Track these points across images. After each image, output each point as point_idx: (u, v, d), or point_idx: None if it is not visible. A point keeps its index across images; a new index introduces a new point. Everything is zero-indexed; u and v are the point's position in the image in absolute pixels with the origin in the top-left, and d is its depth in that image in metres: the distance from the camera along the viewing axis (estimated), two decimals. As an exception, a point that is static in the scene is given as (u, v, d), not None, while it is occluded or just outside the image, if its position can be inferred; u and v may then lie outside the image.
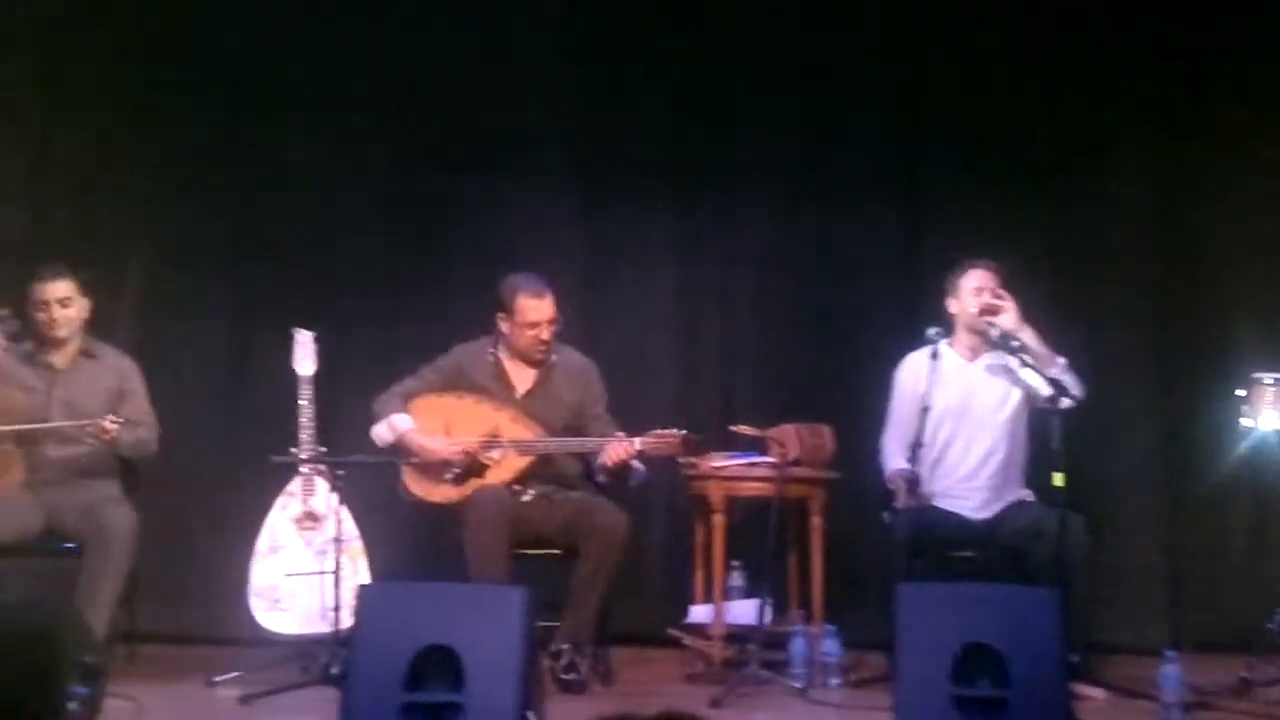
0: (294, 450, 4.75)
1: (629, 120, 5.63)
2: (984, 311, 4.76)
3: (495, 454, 4.74)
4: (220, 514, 5.19)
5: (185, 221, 5.56)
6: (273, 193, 5.58)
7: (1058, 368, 4.66)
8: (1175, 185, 5.49)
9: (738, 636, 4.77)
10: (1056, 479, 4.36)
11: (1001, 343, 4.71)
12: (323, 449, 4.78)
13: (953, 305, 4.87)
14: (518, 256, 5.27)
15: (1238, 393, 4.57)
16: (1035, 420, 4.78)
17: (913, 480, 4.56)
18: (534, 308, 4.78)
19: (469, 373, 4.88)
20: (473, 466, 4.73)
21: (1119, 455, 5.39)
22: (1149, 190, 5.50)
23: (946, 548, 4.67)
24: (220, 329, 5.56)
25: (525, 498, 4.76)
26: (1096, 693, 4.43)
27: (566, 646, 4.51)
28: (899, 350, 4.91)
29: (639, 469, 4.73)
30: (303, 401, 4.80)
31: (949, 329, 4.81)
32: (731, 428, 4.87)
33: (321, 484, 4.80)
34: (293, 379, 4.84)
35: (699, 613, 4.99)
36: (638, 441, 4.63)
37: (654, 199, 5.66)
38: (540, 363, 4.87)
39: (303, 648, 4.62)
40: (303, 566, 4.74)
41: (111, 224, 5.54)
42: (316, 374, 4.86)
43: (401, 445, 4.74)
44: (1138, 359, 5.43)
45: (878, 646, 4.61)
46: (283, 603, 4.73)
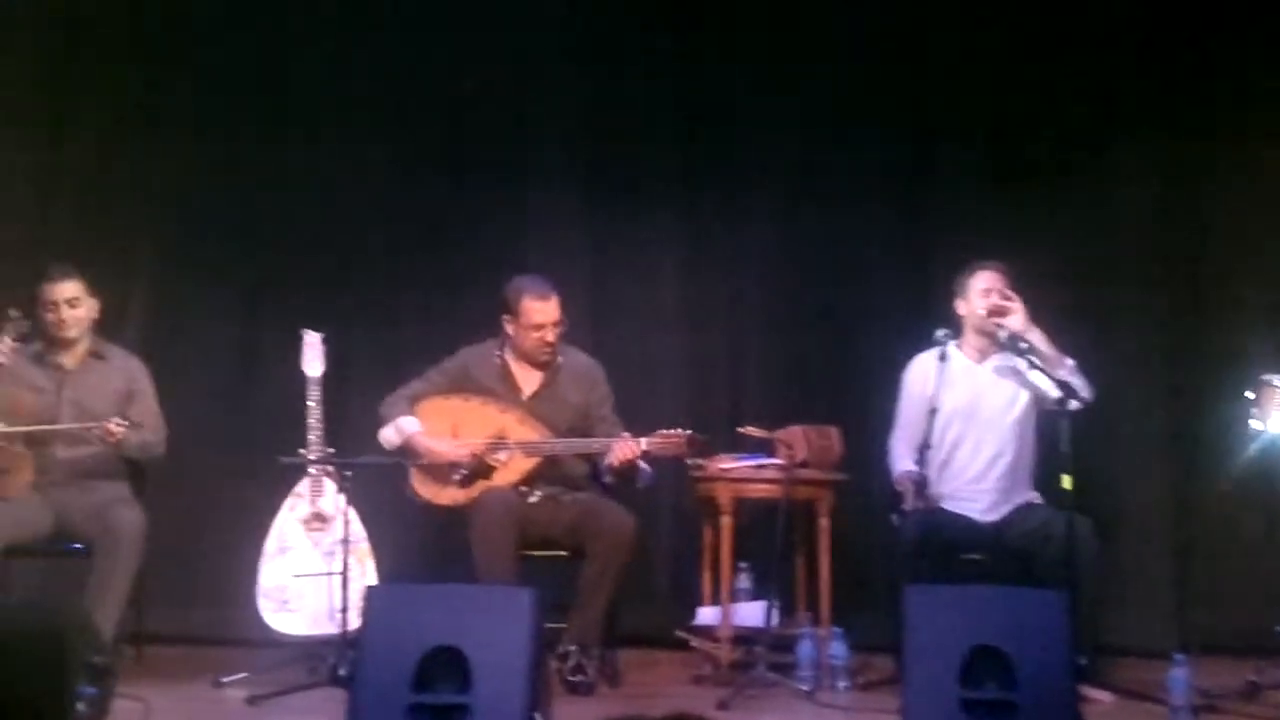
0: (302, 451, 4.76)
1: (634, 121, 5.64)
2: (992, 313, 4.75)
3: (502, 456, 4.74)
4: (228, 515, 5.19)
5: (193, 223, 5.57)
6: (280, 195, 5.59)
7: (1066, 369, 4.65)
8: (1183, 185, 5.47)
9: (745, 639, 4.77)
10: (1065, 481, 4.35)
11: (1010, 344, 4.70)
12: (331, 450, 4.79)
13: (961, 307, 4.86)
14: (524, 258, 5.29)
15: (1246, 395, 4.55)
16: (1044, 422, 4.77)
17: (920, 482, 4.55)
18: (539, 310, 4.79)
19: (475, 375, 4.88)
20: (480, 468, 4.74)
21: (1127, 457, 5.37)
22: (1156, 191, 5.48)
23: (954, 550, 4.65)
24: (228, 331, 5.57)
25: (532, 499, 4.76)
26: (1104, 696, 4.42)
27: (574, 648, 4.51)
28: (907, 352, 4.91)
29: (645, 469, 4.73)
30: (311, 403, 4.81)
31: (957, 330, 4.81)
32: (739, 429, 4.87)
33: (329, 485, 4.81)
34: (301, 380, 4.85)
35: (706, 615, 4.99)
36: (643, 441, 4.63)
37: (659, 200, 5.66)
38: (546, 364, 4.87)
39: (310, 649, 4.62)
40: (311, 567, 4.75)
41: (119, 226, 5.55)
42: (324, 375, 4.87)
43: (409, 448, 4.74)
44: (1146, 360, 5.41)
45: (885, 649, 4.60)
46: (291, 604, 4.74)
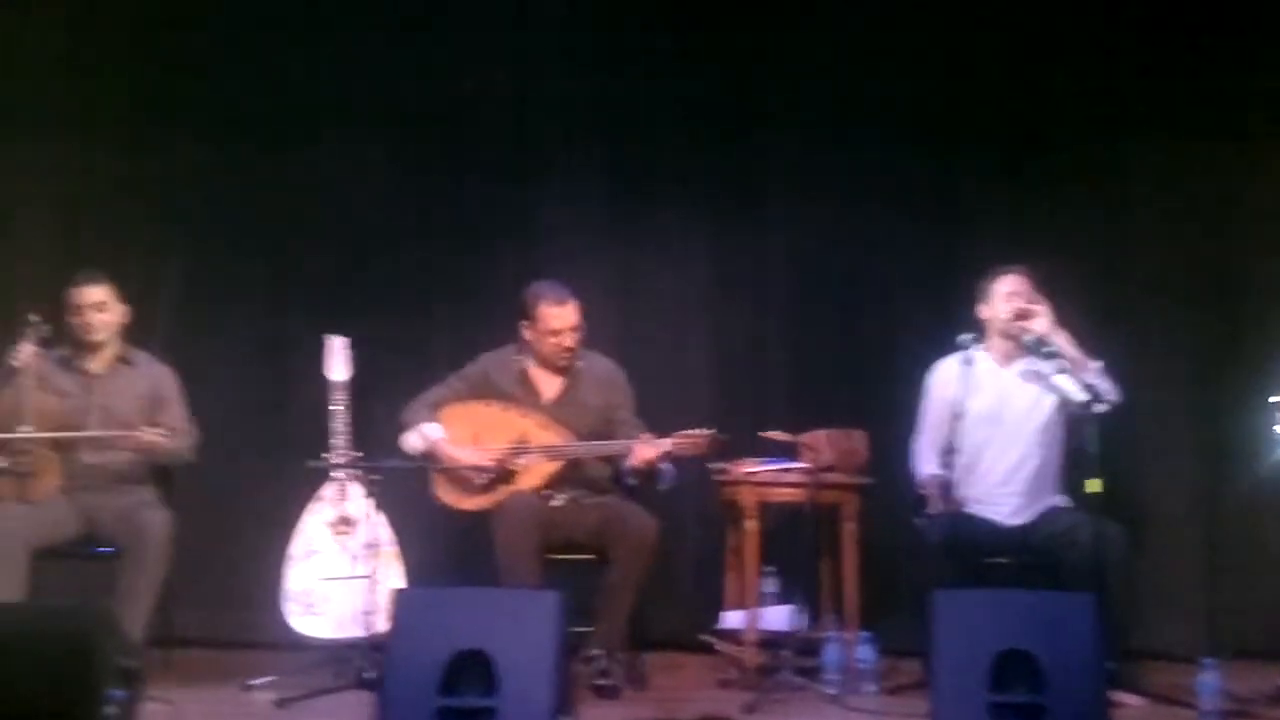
0: (328, 455, 4.78)
1: (659, 124, 5.62)
2: (1016, 317, 4.73)
3: (524, 460, 4.75)
4: (255, 519, 5.21)
5: (219, 229, 5.58)
6: (306, 200, 5.59)
7: (1092, 371, 4.63)
8: (1210, 189, 5.43)
9: (771, 642, 4.76)
10: (1092, 485, 4.33)
11: (1034, 348, 4.68)
12: (357, 454, 4.80)
13: (985, 311, 4.84)
14: (550, 262, 5.28)
15: (1271, 400, 4.51)
16: (1070, 426, 4.76)
17: (945, 486, 4.54)
18: (556, 315, 4.79)
19: (496, 380, 4.89)
20: (502, 473, 4.74)
21: (1156, 461, 5.34)
22: (1184, 195, 5.44)
23: (980, 554, 4.63)
24: (254, 336, 5.58)
25: (555, 503, 4.76)
26: (1134, 700, 4.39)
27: (600, 651, 4.51)
28: (932, 355, 4.89)
29: (668, 470, 4.73)
30: (336, 407, 4.83)
31: (981, 335, 4.80)
32: (764, 433, 4.86)
33: (355, 489, 4.82)
34: (326, 385, 4.86)
35: (732, 618, 4.98)
36: (665, 442, 4.63)
37: (686, 204, 5.65)
38: (565, 369, 4.87)
39: (337, 652, 4.64)
40: (337, 571, 4.76)
41: (146, 232, 5.56)
42: (350, 380, 4.88)
43: (432, 454, 4.75)
44: (1174, 364, 5.37)
45: (912, 653, 4.59)
46: (317, 607, 4.74)
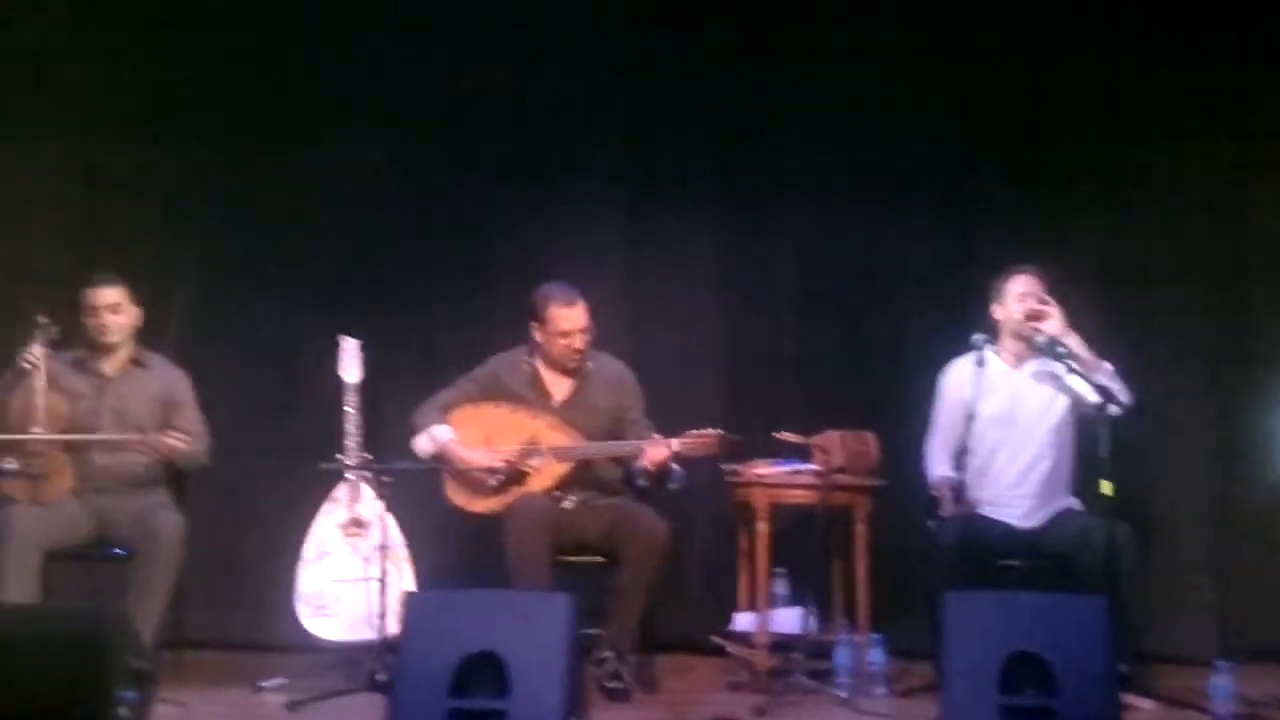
0: (340, 457, 4.79)
1: (671, 122, 5.61)
2: (1028, 317, 4.72)
3: (535, 462, 4.75)
4: (267, 520, 5.22)
5: (231, 231, 5.59)
6: (318, 202, 5.60)
7: (1104, 374, 4.62)
8: (1224, 189, 5.41)
9: (782, 645, 4.75)
10: (1105, 487, 4.32)
11: (1047, 348, 4.67)
12: (369, 456, 4.81)
13: (997, 311, 4.83)
14: (561, 264, 5.28)
15: None
16: (1083, 428, 4.75)
17: (958, 488, 4.53)
18: (565, 316, 4.79)
19: (506, 382, 4.89)
20: (513, 475, 4.74)
21: (1168, 463, 5.32)
22: (1198, 196, 5.42)
23: (992, 556, 4.62)
24: (267, 337, 5.58)
25: (566, 504, 4.77)
26: (1146, 704, 4.39)
27: (610, 654, 4.51)
28: (944, 356, 4.88)
29: (678, 470, 4.73)
30: (349, 409, 4.83)
31: (994, 335, 4.79)
32: (775, 435, 4.85)
33: (367, 491, 4.83)
34: (339, 387, 4.87)
35: (743, 621, 4.98)
36: (675, 442, 4.63)
37: (697, 205, 5.64)
38: (575, 371, 4.88)
39: (349, 654, 4.65)
40: (349, 573, 4.76)
41: (158, 234, 5.57)
42: (362, 381, 4.89)
43: (443, 456, 4.75)
44: (1187, 366, 5.35)
45: (924, 655, 4.58)
46: (329, 609, 4.75)
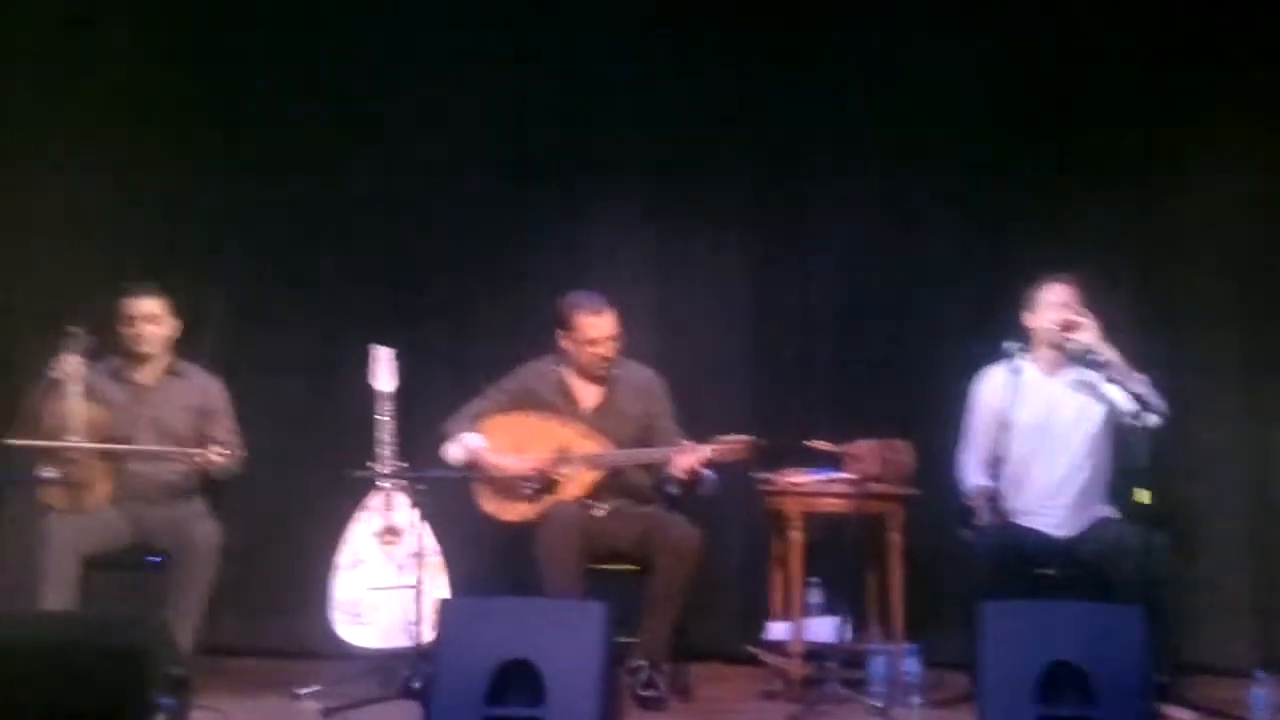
0: (375, 465, 4.80)
1: (701, 128, 5.60)
2: (1063, 328, 4.70)
3: (566, 470, 4.76)
4: (302, 528, 5.23)
5: (266, 240, 5.63)
6: (352, 211, 5.63)
7: (1139, 384, 4.59)
8: (1264, 197, 5.37)
9: (816, 654, 4.74)
10: (1142, 495, 4.30)
11: (1082, 357, 4.64)
12: (403, 464, 4.82)
13: (1031, 320, 4.80)
14: (591, 270, 5.29)
15: None
16: (1119, 436, 4.72)
17: (993, 497, 4.51)
18: (593, 324, 4.80)
19: (535, 391, 4.90)
20: (545, 483, 4.75)
21: (1205, 471, 5.26)
22: (1233, 202, 5.38)
23: (1028, 565, 4.59)
24: (301, 346, 5.60)
25: (598, 512, 4.77)
26: (1185, 714, 4.36)
27: (644, 662, 4.51)
28: (977, 364, 4.85)
29: (709, 476, 4.72)
30: (383, 417, 4.85)
31: (1027, 343, 4.76)
32: (809, 443, 4.84)
33: (402, 499, 4.84)
34: (373, 395, 4.89)
35: (777, 630, 4.96)
36: (705, 448, 4.63)
37: (729, 212, 5.63)
38: (603, 378, 4.88)
39: (384, 662, 4.66)
40: (384, 581, 4.78)
41: (194, 243, 5.60)
42: (396, 390, 4.91)
43: (474, 464, 4.77)
44: (1225, 375, 5.30)
45: (959, 665, 4.57)
46: (364, 617, 4.77)
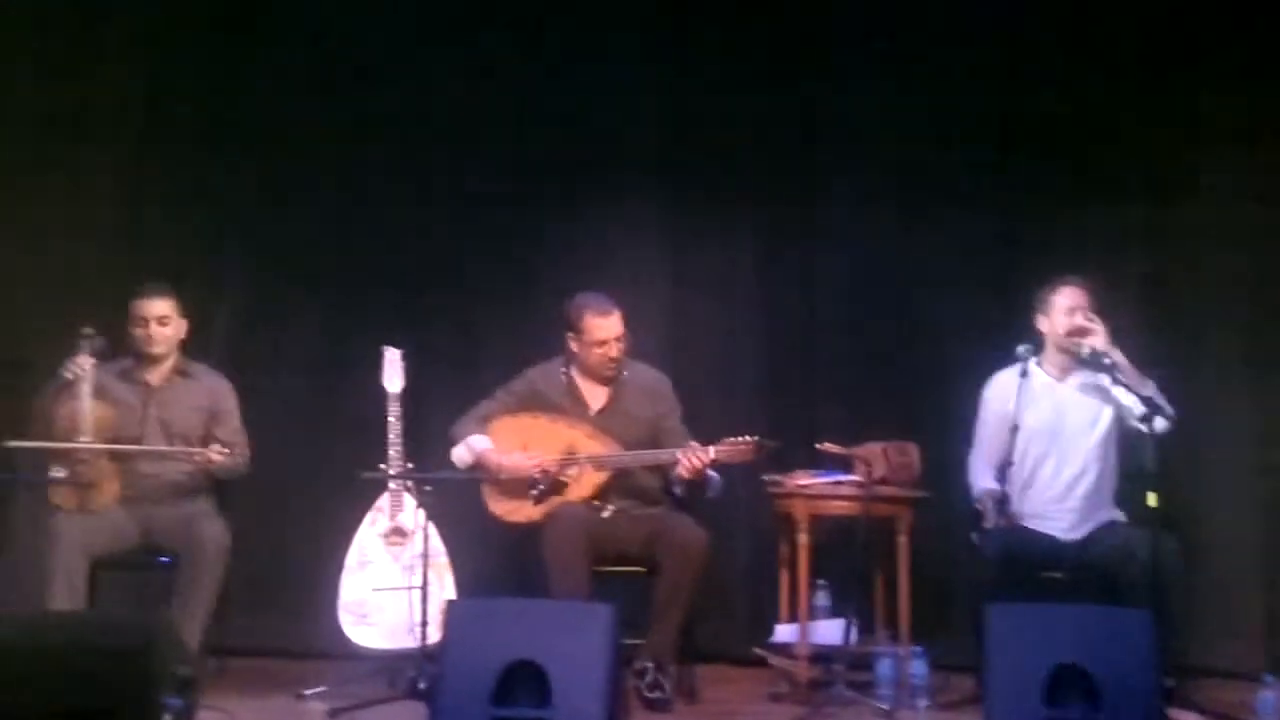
0: (382, 466, 4.81)
1: (711, 134, 5.60)
2: (1073, 334, 4.70)
3: (573, 471, 4.76)
4: (310, 529, 5.24)
5: (276, 241, 5.64)
6: (360, 213, 5.64)
7: (1148, 389, 4.58)
8: (1274, 206, 5.35)
9: (823, 656, 4.73)
10: (1151, 499, 4.29)
11: (1092, 360, 4.64)
12: (410, 465, 4.83)
13: (1043, 323, 4.80)
14: (602, 273, 5.29)
15: None
16: (1127, 441, 4.71)
17: (1001, 500, 4.51)
18: (601, 326, 4.81)
19: (543, 393, 4.90)
20: (552, 485, 4.75)
21: (1214, 474, 5.25)
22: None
23: (1036, 568, 4.59)
24: (310, 347, 5.62)
25: (605, 514, 4.77)
26: (1191, 718, 4.34)
27: (650, 664, 4.51)
28: (987, 367, 4.86)
29: (715, 478, 4.73)
30: (391, 418, 4.86)
31: (1038, 346, 4.76)
32: (817, 446, 4.83)
33: (409, 500, 4.85)
34: (381, 396, 4.90)
35: (784, 632, 4.95)
36: (711, 450, 4.63)
37: (738, 215, 5.64)
38: (611, 379, 4.89)
39: (390, 662, 4.66)
40: (391, 581, 4.78)
41: (204, 244, 5.62)
42: (404, 391, 4.91)
43: (481, 465, 4.77)
44: (1234, 377, 5.29)
45: (966, 668, 4.57)
46: (370, 617, 4.77)
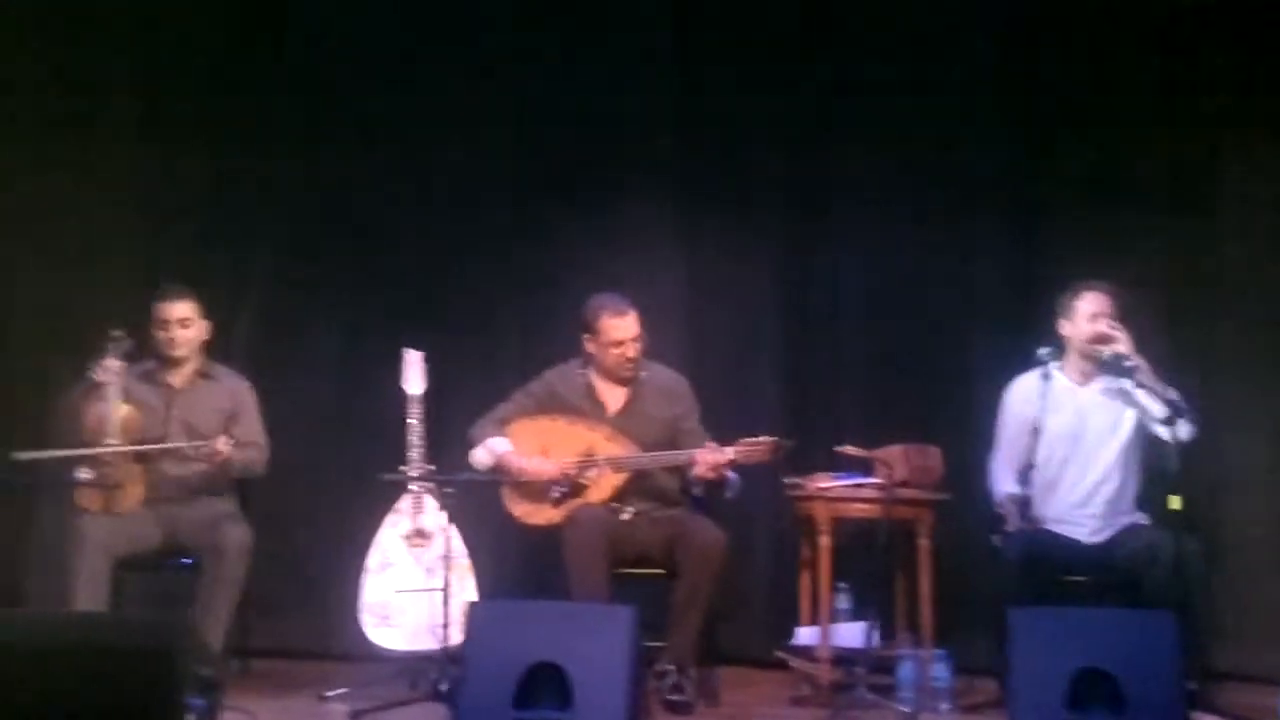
0: (404, 468, 4.82)
1: (731, 135, 5.59)
2: (1096, 340, 4.68)
3: (592, 473, 4.76)
4: (332, 531, 5.26)
5: (298, 243, 5.66)
6: (382, 215, 5.65)
7: (1171, 393, 4.56)
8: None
9: (845, 659, 4.72)
10: (1174, 502, 4.27)
11: (1114, 364, 4.62)
12: (432, 467, 4.84)
13: (1065, 328, 4.77)
14: (621, 275, 5.28)
15: None
16: (1150, 445, 4.69)
17: (1023, 504, 4.50)
18: (617, 326, 4.81)
19: (561, 394, 4.91)
20: (572, 486, 4.76)
21: (1238, 477, 5.20)
22: (1265, 219, 5.33)
23: (1059, 572, 4.58)
24: (331, 349, 5.63)
25: (624, 515, 4.76)
26: (1215, 722, 4.33)
27: (671, 667, 4.50)
28: (1009, 370, 4.84)
29: (733, 478, 4.72)
30: (412, 420, 4.87)
31: (1060, 350, 4.74)
32: (838, 449, 4.82)
33: (431, 502, 4.86)
34: (402, 398, 4.91)
35: (805, 634, 4.95)
36: (729, 450, 4.62)
37: (758, 217, 5.62)
38: (629, 380, 4.89)
39: (412, 664, 4.67)
40: (412, 583, 4.79)
41: (226, 247, 5.63)
42: (425, 393, 4.92)
43: (500, 467, 4.78)
44: (1259, 380, 5.25)
45: (988, 671, 4.56)
46: (392, 619, 4.79)
